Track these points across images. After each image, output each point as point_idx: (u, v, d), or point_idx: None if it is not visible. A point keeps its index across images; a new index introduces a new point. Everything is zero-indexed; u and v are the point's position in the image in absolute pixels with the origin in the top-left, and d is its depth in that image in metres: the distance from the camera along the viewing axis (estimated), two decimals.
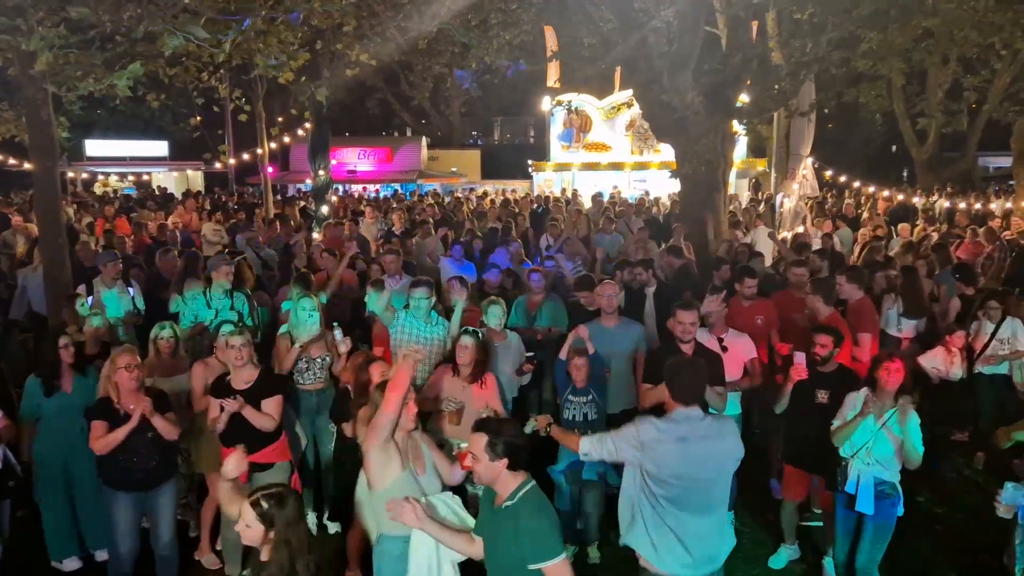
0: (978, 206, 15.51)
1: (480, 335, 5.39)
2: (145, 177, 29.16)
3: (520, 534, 3.17)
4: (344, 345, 5.64)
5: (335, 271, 8.03)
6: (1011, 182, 19.95)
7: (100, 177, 26.83)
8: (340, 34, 10.51)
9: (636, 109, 19.36)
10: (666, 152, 21.96)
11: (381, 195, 25.37)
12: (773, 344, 6.23)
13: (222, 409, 4.71)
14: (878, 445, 4.53)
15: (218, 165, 18.53)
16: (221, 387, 4.92)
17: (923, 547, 5.57)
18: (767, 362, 6.18)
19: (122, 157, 28.32)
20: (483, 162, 31.27)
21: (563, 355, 5.47)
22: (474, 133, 39.74)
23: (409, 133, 35.07)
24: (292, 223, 13.23)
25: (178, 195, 22.52)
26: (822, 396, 5.05)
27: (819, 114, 16.47)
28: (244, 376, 4.94)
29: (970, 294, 7.97)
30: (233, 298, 6.91)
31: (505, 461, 3.23)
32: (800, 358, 5.08)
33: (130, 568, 4.80)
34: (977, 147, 23.43)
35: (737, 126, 12.15)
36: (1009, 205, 15.39)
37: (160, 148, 29.83)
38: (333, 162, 15.59)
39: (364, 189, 27.34)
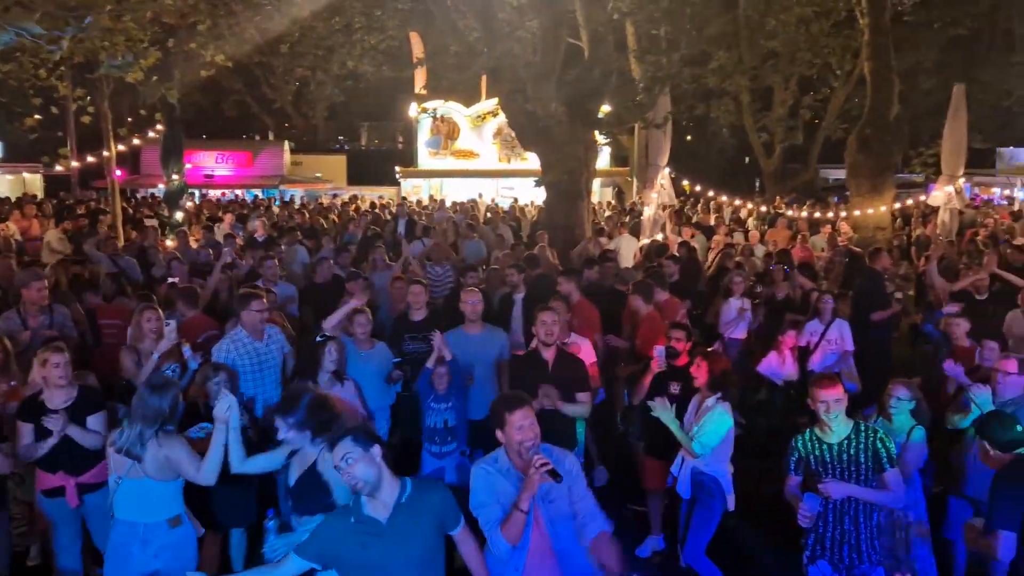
0: (817, 215, 16.68)
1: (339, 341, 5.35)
2: None
3: (436, 508, 3.28)
4: (194, 361, 5.39)
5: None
6: (847, 192, 21.59)
7: None
8: (194, 32, 10.08)
9: (503, 117, 19.62)
10: (533, 160, 22.46)
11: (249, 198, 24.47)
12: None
13: (39, 431, 4.35)
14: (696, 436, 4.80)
15: (59, 168, 17.27)
16: (33, 408, 4.49)
17: (760, 534, 5.80)
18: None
19: None
20: (349, 168, 30.78)
21: (430, 363, 5.46)
22: (340, 138, 39.05)
23: (271, 137, 33.99)
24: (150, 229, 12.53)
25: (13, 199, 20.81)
26: (674, 388, 5.30)
27: (677, 126, 17.27)
28: (61, 396, 4.55)
29: (809, 290, 8.58)
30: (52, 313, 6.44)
31: (377, 447, 3.21)
32: (659, 352, 5.30)
33: None
34: (818, 160, 25.36)
35: (599, 136, 12.55)
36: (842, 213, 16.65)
37: None
38: (188, 166, 14.91)
39: (223, 194, 26.24)
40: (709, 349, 5.38)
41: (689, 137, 28.99)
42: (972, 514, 4.94)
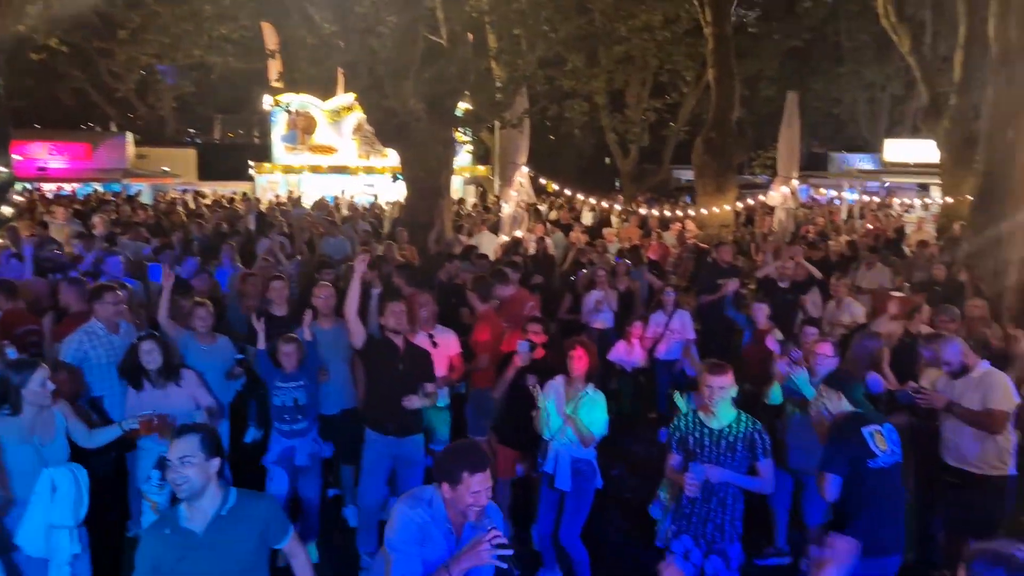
0: (668, 213, 17.50)
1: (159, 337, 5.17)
2: None
3: (259, 521, 3.17)
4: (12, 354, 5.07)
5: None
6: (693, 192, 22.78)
7: None
8: (23, 14, 9.37)
9: (362, 112, 19.36)
10: (393, 157, 22.29)
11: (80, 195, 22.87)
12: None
13: None
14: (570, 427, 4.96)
15: None
16: None
17: (615, 515, 6.19)
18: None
19: None
20: (200, 162, 29.40)
21: (260, 344, 5.38)
22: (190, 131, 37.19)
23: (113, 128, 31.87)
24: None
25: None
26: (532, 381, 5.41)
27: (536, 126, 17.65)
28: None
29: (658, 288, 9.04)
30: None
31: (218, 461, 3.10)
32: (522, 346, 5.44)
33: None
34: (671, 161, 26.62)
35: (459, 134, 12.65)
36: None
37: None
38: (17, 157, 13.78)
39: (59, 188, 24.42)
40: (582, 340, 5.53)
41: (552, 136, 29.65)
42: (792, 484, 5.40)
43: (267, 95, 22.73)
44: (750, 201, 18.18)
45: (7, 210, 11.91)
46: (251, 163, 24.77)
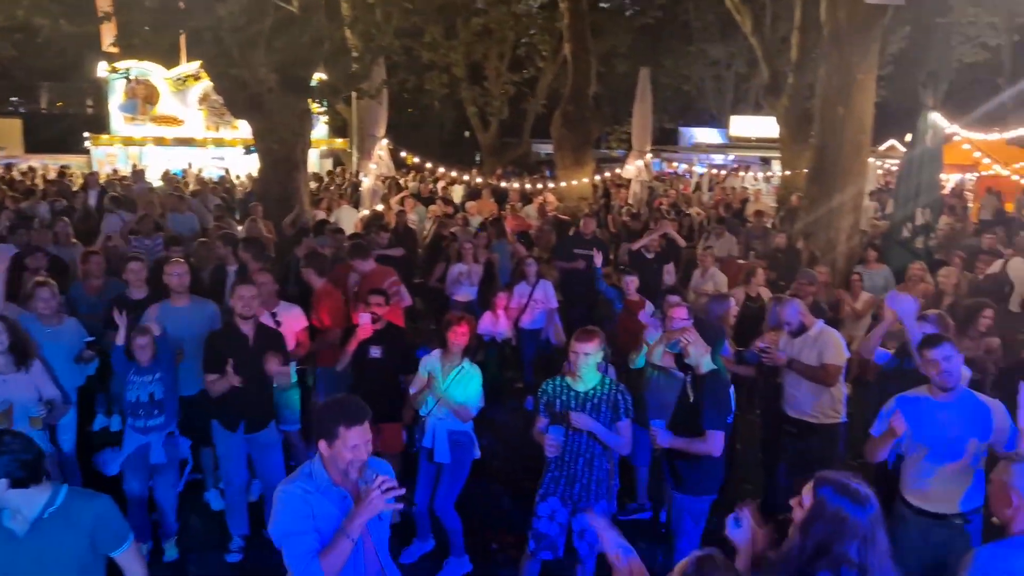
0: (528, 186, 17.74)
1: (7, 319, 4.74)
2: None
3: (88, 525, 2.87)
4: None
5: None
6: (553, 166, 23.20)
7: None
8: None
9: (209, 82, 18.38)
10: (245, 128, 21.32)
11: None
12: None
13: None
14: (448, 400, 4.99)
15: None
16: None
17: (485, 484, 6.24)
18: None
19: None
20: (26, 133, 27.00)
21: (119, 340, 5.05)
22: (13, 99, 33.93)
23: None
24: None
25: None
26: (375, 352, 5.44)
27: (397, 98, 17.36)
28: None
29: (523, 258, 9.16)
30: None
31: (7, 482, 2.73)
32: (365, 319, 5.38)
33: None
34: (531, 135, 26.91)
35: (315, 105, 12.21)
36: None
37: None
38: None
39: None
40: (467, 316, 5.51)
41: (411, 110, 29.26)
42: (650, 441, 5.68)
43: (103, 62, 21.09)
44: (607, 174, 18.71)
45: None
46: (86, 135, 22.98)
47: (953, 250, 9.81)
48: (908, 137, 11.77)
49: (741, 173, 23.84)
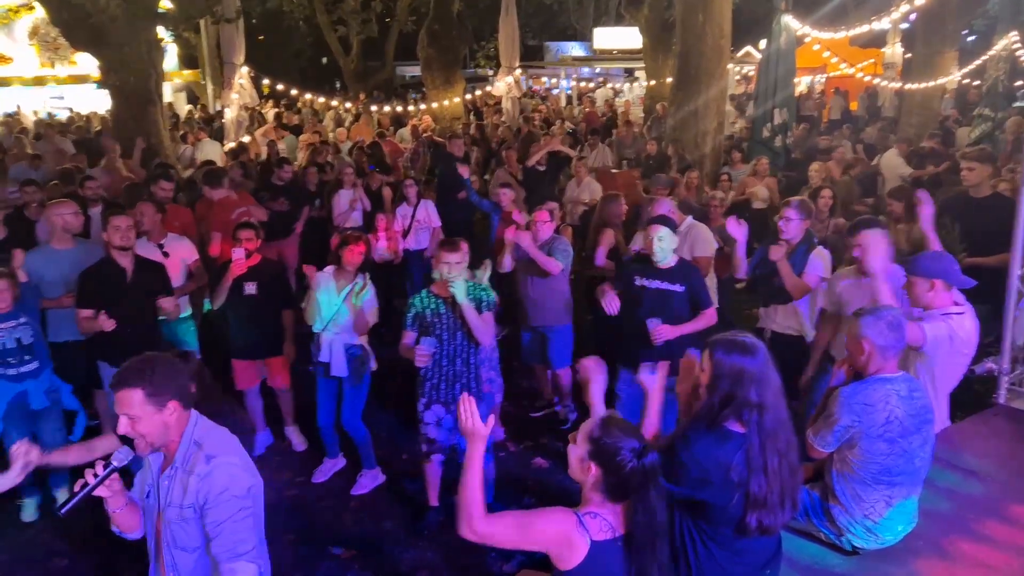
0: (400, 109, 17.47)
1: None
2: None
3: None
4: None
5: None
6: (424, 89, 22.87)
7: None
8: None
9: (40, 13, 16.82)
10: (84, 64, 19.73)
11: None
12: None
13: None
14: (343, 315, 5.08)
15: None
16: None
17: (386, 395, 6.38)
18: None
19: None
20: None
21: None
22: None
23: None
24: None
25: None
26: (250, 288, 5.41)
27: (248, 23, 16.48)
28: None
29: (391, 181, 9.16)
30: None
31: None
32: (239, 254, 5.33)
33: None
34: (394, 58, 26.24)
35: (163, 33, 11.50)
36: None
37: None
38: None
39: None
40: (362, 235, 5.51)
41: (260, 37, 27.79)
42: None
43: None
44: (478, 93, 18.64)
45: None
46: None
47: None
48: (763, 43, 12.34)
49: (609, 85, 24.24)
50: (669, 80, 13.50)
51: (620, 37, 28.82)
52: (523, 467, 5.62)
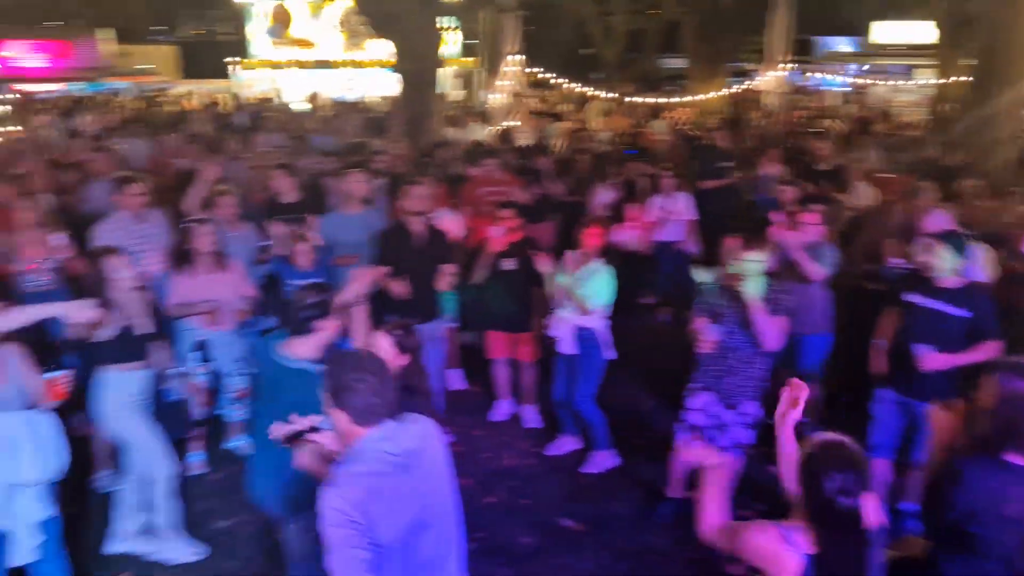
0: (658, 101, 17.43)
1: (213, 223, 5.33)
2: None
3: None
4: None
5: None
6: (686, 81, 22.55)
7: None
8: None
9: (346, 2, 18.77)
10: (377, 51, 21.74)
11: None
12: None
13: None
14: (575, 296, 5.23)
15: None
16: None
17: (629, 380, 6.57)
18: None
19: None
20: (180, 60, 28.52)
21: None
22: (151, 28, 35.45)
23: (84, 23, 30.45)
24: None
25: None
26: (508, 264, 5.70)
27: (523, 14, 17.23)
28: None
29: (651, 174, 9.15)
30: None
31: None
32: (496, 232, 5.64)
33: None
34: (656, 50, 26.14)
35: (446, 22, 12.40)
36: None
37: None
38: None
39: (27, 93, 23.61)
40: (599, 218, 5.71)
41: (533, 27, 28.84)
42: None
43: None
44: (741, 87, 18.09)
45: None
46: (234, 60, 24.03)
47: None
48: None
49: (884, 83, 22.40)
50: (962, 79, 12.25)
51: (902, 31, 26.42)
52: (759, 472, 5.50)
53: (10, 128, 11.27)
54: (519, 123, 14.37)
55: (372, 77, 22.43)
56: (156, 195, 6.30)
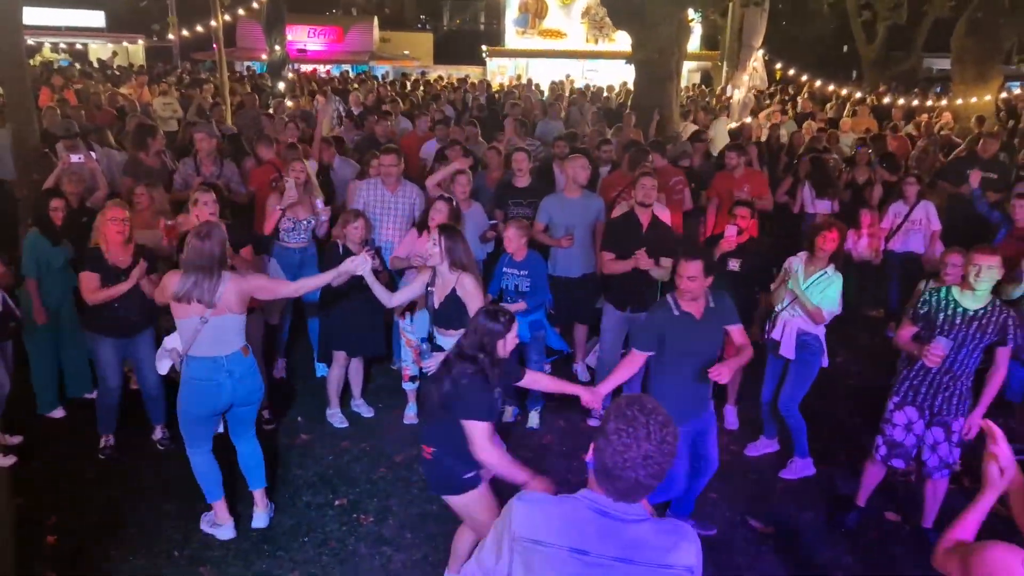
0: (916, 103, 16.09)
1: (453, 200, 5.77)
2: (80, 47, 27.80)
3: None
4: (325, 213, 6.17)
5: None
6: (950, 83, 20.61)
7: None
8: None
9: None
10: (620, 42, 22.00)
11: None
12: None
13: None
14: (806, 301, 5.07)
15: (171, 37, 17.89)
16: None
17: (839, 395, 6.36)
18: None
19: (57, 27, 26.89)
20: (436, 46, 30.66)
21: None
22: (421, 16, 38.46)
23: (355, 13, 33.75)
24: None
25: (115, 69, 21.70)
26: (734, 265, 5.57)
27: (773, 8, 16.65)
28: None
29: (893, 181, 8.59)
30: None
31: None
32: (731, 231, 5.55)
33: (116, 399, 5.20)
34: (923, 48, 24.02)
35: (692, 14, 12.34)
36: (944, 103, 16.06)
37: (96, 18, 28.33)
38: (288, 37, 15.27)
39: (314, 70, 26.62)
40: (839, 223, 5.54)
41: (784, 22, 27.60)
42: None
43: None
44: (1016, 91, 16.23)
45: (281, 86, 13.40)
46: (484, 47, 25.48)
47: None
48: None
49: None
50: None
51: None
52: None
53: (290, 103, 12.74)
54: (758, 118, 13.98)
55: (613, 68, 22.79)
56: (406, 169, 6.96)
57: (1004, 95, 15.85)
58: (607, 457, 1.97)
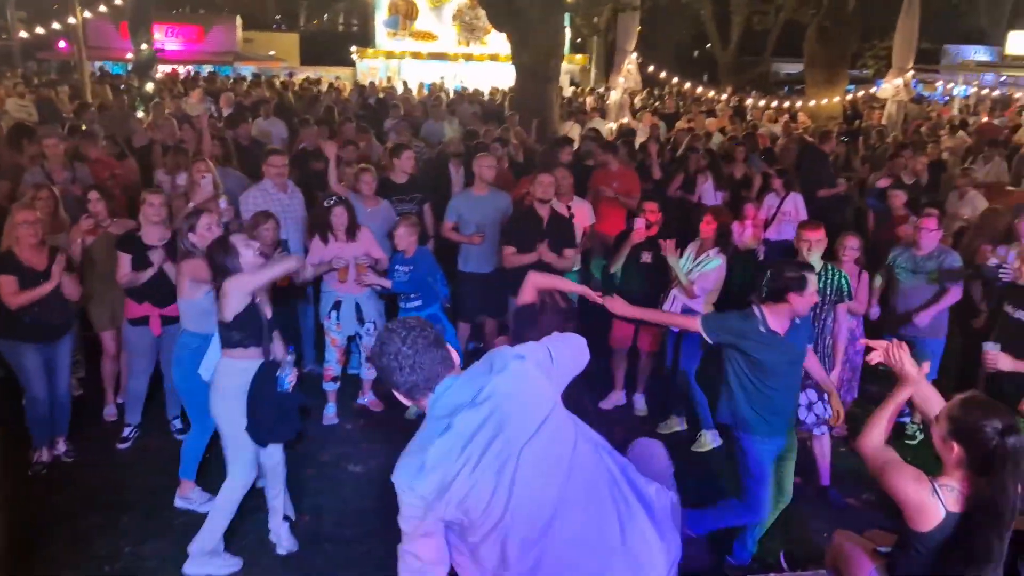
0: (775, 104, 17.27)
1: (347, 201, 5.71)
2: None
3: None
4: (228, 214, 5.89)
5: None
6: (800, 85, 22.15)
7: None
8: None
9: None
10: (491, 44, 22.34)
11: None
12: None
13: (136, 263, 4.87)
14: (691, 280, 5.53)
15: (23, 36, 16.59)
16: (131, 242, 4.98)
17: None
18: None
19: None
20: (302, 47, 29.94)
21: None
22: (276, 17, 37.15)
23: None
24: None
25: None
26: (646, 257, 5.84)
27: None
28: (156, 233, 5.04)
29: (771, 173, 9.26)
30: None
31: None
32: (640, 224, 5.79)
33: (47, 408, 4.92)
34: (772, 53, 25.75)
35: (578, 19, 12.71)
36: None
37: None
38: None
39: (174, 71, 25.37)
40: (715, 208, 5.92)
41: (638, 28, 28.78)
42: None
43: None
44: (859, 94, 17.73)
45: (150, 87, 12.77)
46: (353, 48, 25.13)
47: None
48: None
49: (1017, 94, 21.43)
50: None
51: None
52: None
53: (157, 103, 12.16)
54: (632, 120, 14.58)
55: (485, 70, 23.08)
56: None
57: (849, 96, 17.25)
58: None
